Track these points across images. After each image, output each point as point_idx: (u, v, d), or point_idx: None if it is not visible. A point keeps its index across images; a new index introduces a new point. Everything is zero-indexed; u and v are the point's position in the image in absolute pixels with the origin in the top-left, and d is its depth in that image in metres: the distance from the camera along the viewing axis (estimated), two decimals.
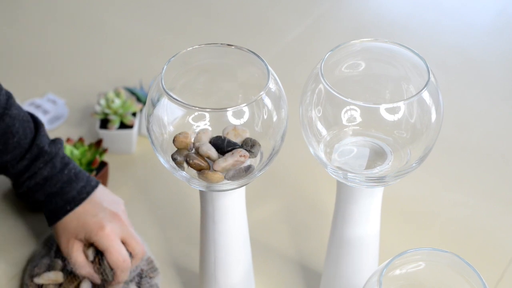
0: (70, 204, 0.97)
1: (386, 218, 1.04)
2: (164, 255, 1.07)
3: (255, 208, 1.13)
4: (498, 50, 1.46)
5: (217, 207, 0.86)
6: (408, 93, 0.83)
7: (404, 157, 0.83)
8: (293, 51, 1.45)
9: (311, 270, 1.06)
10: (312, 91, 0.80)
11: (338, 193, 0.88)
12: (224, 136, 0.79)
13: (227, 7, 1.58)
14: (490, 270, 1.05)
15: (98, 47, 1.46)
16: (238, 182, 0.79)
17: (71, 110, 1.30)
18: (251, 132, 0.80)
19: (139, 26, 1.51)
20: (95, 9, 1.56)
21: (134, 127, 1.20)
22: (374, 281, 0.76)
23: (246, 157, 0.78)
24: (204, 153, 0.78)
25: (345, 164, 0.83)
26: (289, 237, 1.10)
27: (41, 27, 1.51)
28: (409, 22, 1.54)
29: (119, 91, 1.22)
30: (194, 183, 0.80)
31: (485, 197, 1.16)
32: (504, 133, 1.28)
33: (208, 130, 0.80)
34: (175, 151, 0.80)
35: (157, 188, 1.17)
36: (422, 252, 0.79)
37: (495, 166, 1.22)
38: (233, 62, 0.83)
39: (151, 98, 0.79)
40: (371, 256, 0.92)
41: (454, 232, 1.11)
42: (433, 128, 0.80)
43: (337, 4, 1.59)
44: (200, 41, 1.41)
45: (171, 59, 0.80)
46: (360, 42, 0.84)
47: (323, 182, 1.17)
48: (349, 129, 0.83)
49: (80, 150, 1.12)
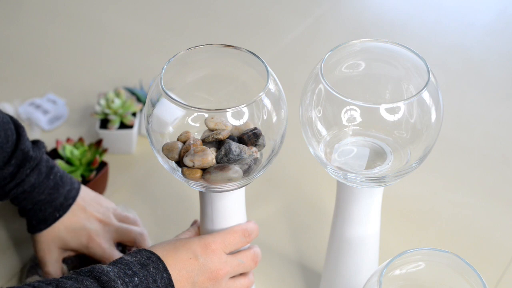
0: (59, 211, 0.95)
1: (386, 218, 1.04)
2: None
3: (255, 208, 1.13)
4: (498, 50, 1.46)
5: (216, 208, 0.85)
6: (408, 93, 0.83)
7: (404, 157, 0.83)
8: (293, 51, 1.45)
9: (311, 270, 1.06)
10: (312, 91, 0.80)
11: (338, 193, 0.88)
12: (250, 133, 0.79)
13: (227, 7, 1.58)
14: (490, 270, 1.05)
15: (98, 47, 1.46)
16: (238, 182, 0.79)
17: (71, 110, 1.30)
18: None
19: (139, 26, 1.51)
20: (95, 9, 1.56)
21: (134, 127, 1.20)
22: (374, 281, 0.76)
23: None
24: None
25: (345, 164, 0.83)
26: (289, 237, 1.10)
27: (41, 27, 1.51)
28: (409, 22, 1.54)
29: (119, 91, 1.22)
30: (192, 183, 0.80)
31: (485, 197, 1.16)
32: (504, 133, 1.28)
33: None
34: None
35: (157, 188, 1.17)
36: (422, 252, 0.79)
37: (495, 166, 1.22)
38: (232, 62, 0.82)
39: (150, 99, 0.79)
40: (371, 256, 0.92)
41: (454, 232, 1.11)
42: (433, 128, 0.80)
43: (337, 4, 1.59)
44: (200, 41, 1.41)
45: (170, 60, 0.80)
46: (360, 42, 0.84)
47: (323, 182, 1.17)
48: (349, 129, 0.83)
49: (80, 150, 1.12)
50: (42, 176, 0.93)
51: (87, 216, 0.96)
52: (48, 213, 0.95)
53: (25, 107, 1.29)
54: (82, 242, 0.96)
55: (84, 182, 1.10)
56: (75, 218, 0.96)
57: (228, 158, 0.77)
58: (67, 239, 0.96)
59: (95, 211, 0.98)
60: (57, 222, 0.95)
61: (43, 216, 0.95)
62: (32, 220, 0.96)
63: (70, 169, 1.10)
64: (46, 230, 0.95)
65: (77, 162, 1.11)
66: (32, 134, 1.25)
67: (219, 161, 0.77)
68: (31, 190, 0.93)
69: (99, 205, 0.99)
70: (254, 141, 0.79)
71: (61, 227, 0.95)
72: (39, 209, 0.94)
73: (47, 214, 0.95)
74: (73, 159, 1.11)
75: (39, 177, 0.93)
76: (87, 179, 1.10)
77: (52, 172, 0.94)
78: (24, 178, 0.92)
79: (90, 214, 0.97)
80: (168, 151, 0.79)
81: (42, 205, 0.94)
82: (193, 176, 0.77)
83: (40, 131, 1.26)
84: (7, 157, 0.91)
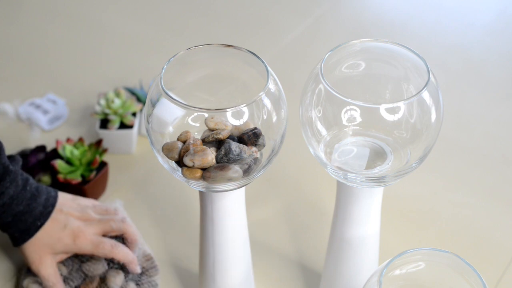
0: (39, 219, 0.96)
1: (386, 218, 1.04)
2: (163, 255, 1.07)
3: (255, 208, 1.13)
4: (498, 50, 1.46)
5: (216, 208, 0.86)
6: (408, 93, 0.83)
7: (404, 157, 0.83)
8: (293, 51, 1.45)
9: (311, 270, 1.06)
10: (312, 91, 0.80)
11: (338, 193, 0.88)
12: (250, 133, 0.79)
13: (227, 7, 1.58)
14: (490, 270, 1.05)
15: (98, 47, 1.46)
16: (238, 182, 0.79)
17: (71, 110, 1.30)
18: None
19: (139, 26, 1.51)
20: (95, 9, 1.56)
21: (134, 127, 1.20)
22: (374, 281, 0.76)
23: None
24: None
25: (345, 164, 0.83)
26: (289, 237, 1.10)
27: (41, 27, 1.51)
28: (409, 22, 1.54)
29: (119, 91, 1.22)
30: (192, 183, 0.80)
31: (485, 197, 1.16)
32: (504, 133, 1.28)
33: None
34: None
35: (157, 188, 1.17)
36: (422, 252, 0.79)
37: (495, 166, 1.22)
38: (232, 62, 0.82)
39: (150, 99, 0.79)
40: (371, 256, 0.92)
41: (454, 232, 1.11)
42: (433, 128, 0.80)
43: (337, 4, 1.59)
44: (200, 41, 1.41)
45: (170, 60, 0.80)
46: (360, 42, 0.84)
47: (323, 182, 1.17)
48: (349, 129, 0.83)
49: (80, 150, 1.12)
50: (19, 188, 0.95)
51: (66, 217, 0.98)
52: (29, 223, 0.96)
53: (25, 107, 1.29)
54: (67, 242, 0.97)
55: (84, 182, 1.10)
56: (55, 222, 0.97)
57: (228, 158, 0.77)
58: (53, 244, 0.97)
59: (73, 210, 0.99)
60: (40, 231, 0.96)
61: (24, 226, 0.96)
62: (15, 232, 0.97)
63: (70, 169, 1.10)
64: (31, 241, 0.97)
65: (77, 162, 1.11)
66: (32, 134, 1.25)
67: (219, 161, 0.77)
68: (10, 202, 0.94)
69: (76, 204, 1.00)
70: (254, 141, 0.79)
71: (44, 235, 0.97)
72: (19, 219, 0.96)
73: (28, 224, 0.96)
74: (73, 159, 1.11)
75: (16, 189, 0.94)
76: (87, 179, 1.10)
77: (28, 183, 0.96)
78: (4, 190, 0.93)
79: (68, 213, 0.98)
80: (168, 151, 0.79)
81: (22, 216, 0.95)
82: (193, 176, 0.77)
83: (40, 131, 1.26)
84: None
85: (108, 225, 0.99)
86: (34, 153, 1.13)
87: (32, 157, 1.12)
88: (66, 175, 1.10)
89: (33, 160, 1.12)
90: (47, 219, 0.96)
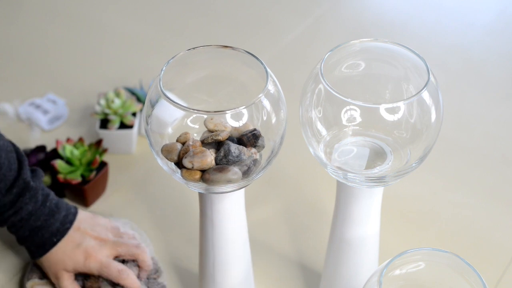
0: (56, 236, 0.96)
1: (386, 218, 1.04)
2: (163, 255, 1.07)
3: (255, 208, 1.13)
4: (498, 50, 1.46)
5: (215, 210, 0.85)
6: (408, 93, 0.83)
7: (404, 157, 0.83)
8: (293, 51, 1.45)
9: (311, 270, 1.06)
10: (312, 91, 0.80)
11: (338, 193, 0.88)
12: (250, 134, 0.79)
13: (227, 7, 1.58)
14: (490, 270, 1.05)
15: (98, 47, 1.46)
16: (238, 184, 0.79)
17: (71, 110, 1.30)
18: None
19: (139, 26, 1.51)
20: (95, 9, 1.56)
21: (134, 127, 1.20)
22: (374, 281, 0.76)
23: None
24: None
25: (345, 164, 0.83)
26: (289, 237, 1.10)
27: (41, 27, 1.51)
28: (409, 22, 1.54)
29: (119, 91, 1.22)
30: (191, 185, 0.79)
31: (485, 197, 1.16)
32: (504, 133, 1.28)
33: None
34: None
35: (157, 188, 1.17)
36: (422, 252, 0.79)
37: (495, 166, 1.22)
38: (232, 63, 0.82)
39: (149, 100, 0.79)
40: (371, 256, 0.92)
41: (454, 232, 1.11)
42: (433, 128, 0.80)
43: (337, 4, 1.59)
44: (200, 41, 1.41)
45: (169, 61, 0.80)
46: (360, 42, 0.83)
47: (323, 182, 1.17)
48: (349, 129, 0.83)
49: (80, 150, 1.12)
50: (38, 204, 0.96)
51: (82, 235, 0.98)
52: (45, 238, 0.96)
53: (25, 107, 1.29)
54: (78, 260, 0.97)
55: (84, 182, 1.10)
56: (70, 240, 0.97)
57: (227, 160, 0.77)
58: (65, 261, 0.97)
59: (89, 229, 0.99)
60: (55, 247, 0.97)
61: (41, 241, 0.96)
62: (31, 246, 0.97)
63: (70, 169, 1.10)
64: (47, 256, 0.97)
65: (77, 162, 1.11)
66: (32, 134, 1.25)
67: (219, 162, 0.77)
68: (28, 218, 0.95)
69: (94, 223, 1.00)
70: (254, 142, 0.79)
71: (59, 251, 0.97)
72: (36, 234, 0.96)
73: (44, 239, 0.96)
74: (73, 159, 1.11)
75: (35, 205, 0.95)
76: (87, 179, 1.10)
77: (48, 199, 0.97)
78: (22, 206, 0.94)
79: (84, 232, 0.98)
80: (167, 152, 0.78)
81: (39, 231, 0.96)
82: (192, 177, 0.77)
83: (40, 131, 1.26)
84: (9, 185, 0.94)
85: (121, 249, 0.99)
86: (34, 153, 1.13)
87: (32, 157, 1.13)
88: (66, 175, 1.10)
89: (33, 160, 1.12)
90: (64, 236, 0.97)
